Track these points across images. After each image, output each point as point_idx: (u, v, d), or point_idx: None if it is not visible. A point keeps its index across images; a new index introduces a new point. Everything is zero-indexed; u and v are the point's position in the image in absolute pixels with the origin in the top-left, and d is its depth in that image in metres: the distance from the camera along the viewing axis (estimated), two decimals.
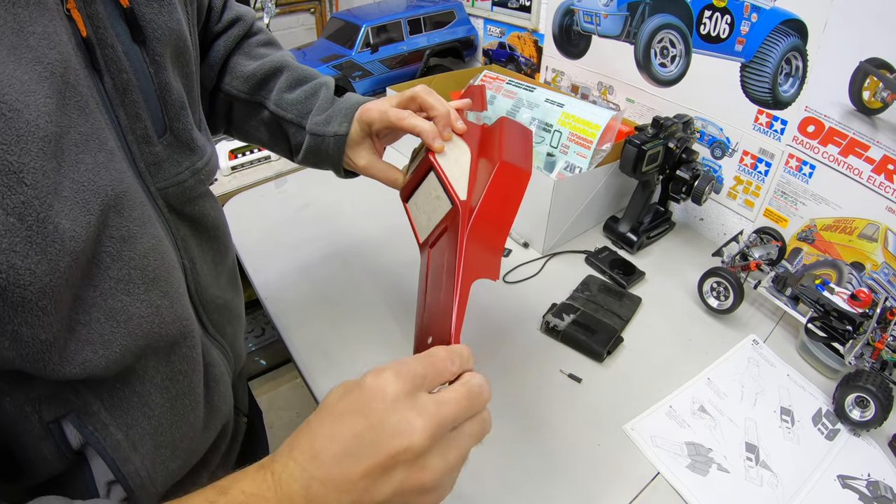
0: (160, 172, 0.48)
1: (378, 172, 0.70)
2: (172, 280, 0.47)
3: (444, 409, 0.37)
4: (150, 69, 0.46)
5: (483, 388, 0.40)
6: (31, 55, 0.34)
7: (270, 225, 1.14)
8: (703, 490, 0.66)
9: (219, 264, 0.61)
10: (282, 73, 0.72)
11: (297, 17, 2.11)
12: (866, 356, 0.75)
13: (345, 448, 0.35)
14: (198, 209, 0.54)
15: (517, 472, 0.68)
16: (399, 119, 0.63)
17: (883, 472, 0.70)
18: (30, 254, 0.33)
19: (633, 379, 0.81)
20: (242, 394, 0.74)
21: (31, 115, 0.33)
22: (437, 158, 0.60)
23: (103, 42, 0.41)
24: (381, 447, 0.34)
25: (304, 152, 0.71)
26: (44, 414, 0.41)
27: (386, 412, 0.35)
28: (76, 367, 0.38)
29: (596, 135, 1.03)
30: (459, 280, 0.48)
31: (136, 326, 0.42)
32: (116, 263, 0.40)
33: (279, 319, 0.90)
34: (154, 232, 0.45)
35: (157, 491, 0.49)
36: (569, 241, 1.09)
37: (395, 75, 1.58)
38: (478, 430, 0.39)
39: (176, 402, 0.49)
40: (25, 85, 0.33)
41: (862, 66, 0.81)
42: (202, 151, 0.54)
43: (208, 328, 0.58)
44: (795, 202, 0.97)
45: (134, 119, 0.45)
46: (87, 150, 0.37)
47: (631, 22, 1.14)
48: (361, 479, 0.34)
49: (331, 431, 0.36)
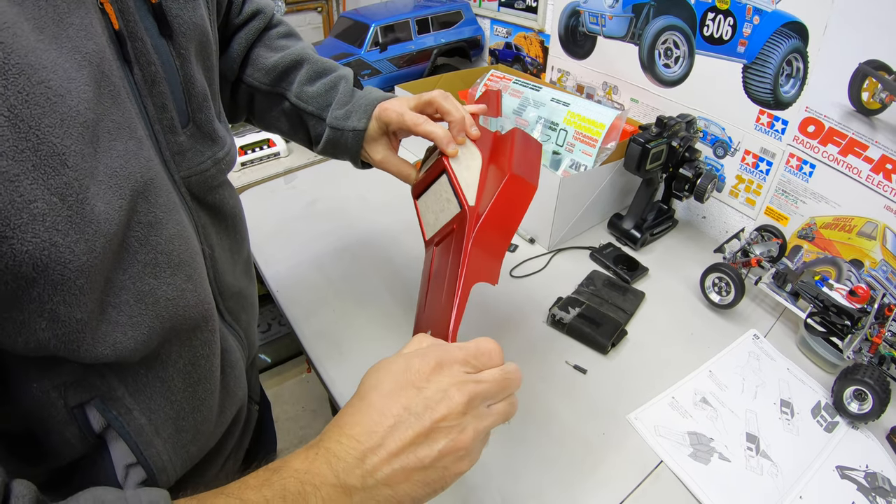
0: (184, 161, 0.50)
1: (392, 167, 0.72)
2: (196, 265, 0.48)
3: (481, 386, 0.42)
4: (176, 62, 0.48)
5: (517, 376, 0.45)
6: (70, 44, 0.35)
7: (280, 220, 1.15)
8: (705, 478, 0.68)
9: (235, 253, 0.62)
10: (302, 66, 0.73)
11: (305, 15, 2.12)
12: (864, 351, 0.77)
13: (396, 420, 0.39)
14: (218, 198, 0.56)
15: (522, 460, 0.69)
16: (415, 125, 0.65)
17: (881, 463, 0.72)
18: (70, 233, 0.34)
19: (636, 371, 0.83)
20: (255, 382, 0.76)
21: (73, 101, 0.34)
22: (451, 163, 0.62)
23: (134, 35, 0.43)
24: (427, 415, 0.39)
25: (324, 143, 0.73)
26: (69, 399, 0.42)
27: (432, 385, 0.41)
28: (107, 348, 0.39)
29: (601, 133, 1.05)
30: (461, 283, 0.51)
31: (162, 309, 0.43)
32: (144, 248, 0.42)
33: (290, 311, 0.92)
34: (179, 218, 0.46)
35: (176, 474, 0.51)
36: (574, 238, 1.11)
37: (403, 74, 1.59)
38: (506, 410, 0.44)
39: (197, 387, 0.50)
40: (67, 72, 0.34)
41: (861, 67, 0.83)
42: (223, 142, 0.55)
43: (224, 315, 0.59)
44: (796, 200, 0.99)
45: (161, 109, 0.47)
46: (120, 138, 0.39)
47: (636, 23, 1.16)
48: (410, 445, 0.39)
49: (381, 407, 0.40)
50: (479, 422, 0.41)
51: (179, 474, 0.51)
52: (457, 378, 0.41)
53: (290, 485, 0.37)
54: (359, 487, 0.38)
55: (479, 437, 0.41)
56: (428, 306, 0.56)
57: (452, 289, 0.51)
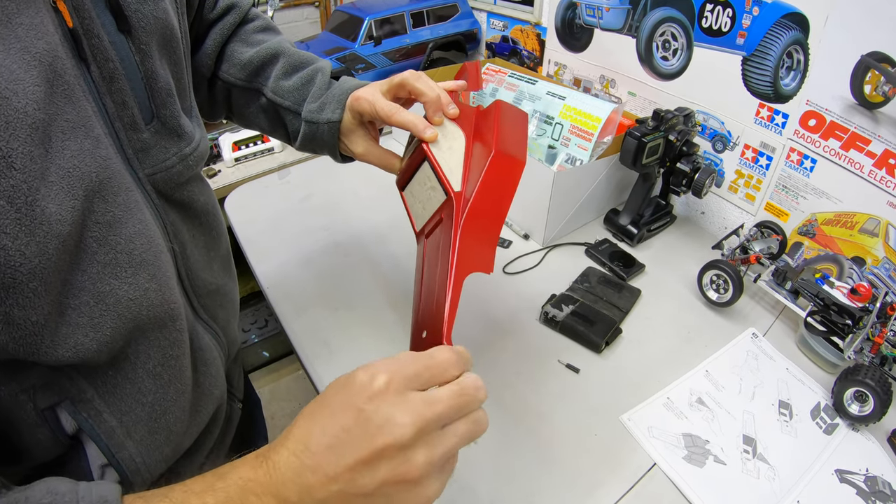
0: (148, 158, 0.49)
1: (375, 159, 0.69)
2: (160, 264, 0.47)
3: (433, 407, 0.37)
4: (136, 58, 0.47)
5: (478, 389, 0.40)
6: (19, 45, 0.35)
7: (273, 215, 1.14)
8: (700, 481, 0.66)
9: (211, 249, 0.61)
10: (278, 60, 0.71)
11: (302, 10, 2.11)
12: (866, 351, 0.75)
13: (334, 440, 0.36)
14: (187, 194, 0.55)
15: (513, 462, 0.68)
16: (388, 116, 0.62)
17: (881, 467, 0.70)
18: (19, 236, 0.33)
19: (630, 370, 0.81)
20: (238, 380, 0.74)
21: (20, 103, 0.34)
22: (431, 148, 0.59)
23: (89, 32, 0.42)
24: (366, 442, 0.35)
25: (302, 139, 0.71)
26: (38, 402, 0.42)
27: (373, 408, 0.36)
28: (68, 350, 0.39)
29: (597, 127, 1.03)
30: (452, 275, 0.48)
31: (124, 309, 0.42)
32: (103, 248, 0.41)
33: (280, 308, 0.91)
34: (140, 217, 0.45)
35: (151, 476, 0.50)
36: (569, 234, 1.10)
37: (399, 68, 1.57)
38: (469, 430, 0.39)
39: (168, 388, 0.49)
40: (14, 73, 0.34)
41: (863, 59, 0.81)
42: (190, 137, 0.54)
43: (199, 312, 0.58)
44: (796, 196, 0.97)
45: (121, 107, 0.46)
46: (74, 137, 0.38)
47: (633, 15, 1.14)
48: (348, 472, 0.35)
49: (323, 424, 0.37)
50: (431, 449, 0.37)
51: (155, 475, 0.51)
52: (403, 400, 0.37)
53: (233, 492, 0.36)
54: (296, 502, 0.36)
55: (433, 464, 0.37)
56: (423, 304, 0.53)
57: (444, 281, 0.49)
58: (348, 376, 0.39)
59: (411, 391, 0.38)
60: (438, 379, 0.40)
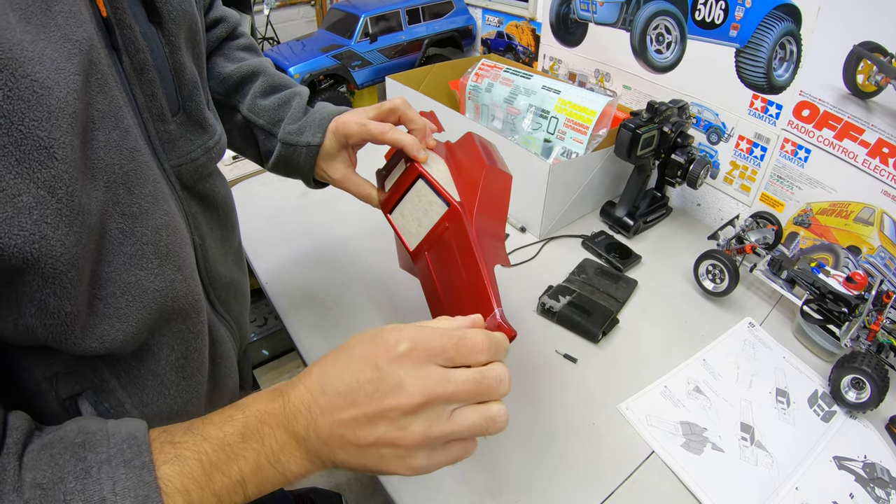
0: (174, 150, 0.49)
1: (352, 186, 0.70)
2: (185, 255, 0.47)
3: (445, 385, 0.38)
4: (165, 49, 0.47)
5: (501, 382, 0.40)
6: (59, 33, 0.35)
7: (271, 212, 1.14)
8: (698, 468, 0.67)
9: (226, 242, 0.62)
10: (257, 78, 0.72)
11: (298, 9, 2.12)
12: (862, 338, 0.76)
13: (347, 389, 0.38)
14: (209, 187, 0.55)
15: (511, 451, 0.68)
16: (381, 133, 0.64)
17: (879, 454, 0.70)
18: (60, 226, 0.33)
19: (628, 359, 0.81)
20: (247, 373, 0.75)
21: (62, 93, 0.33)
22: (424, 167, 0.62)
23: (122, 22, 0.42)
24: (375, 399, 0.37)
25: (275, 160, 0.71)
26: (60, 391, 0.42)
27: (391, 370, 0.38)
28: (95, 340, 0.39)
29: (592, 120, 1.04)
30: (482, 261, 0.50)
31: (150, 300, 0.43)
32: (129, 239, 0.41)
33: (280, 304, 0.91)
34: (167, 208, 0.45)
35: None
36: (566, 226, 1.10)
37: (394, 65, 1.58)
38: (480, 423, 0.39)
39: (191, 380, 0.50)
40: (56, 63, 0.34)
41: (856, 49, 0.81)
42: (213, 130, 0.55)
43: (215, 305, 0.58)
44: (791, 186, 0.98)
45: (150, 98, 0.46)
46: (103, 128, 0.38)
47: (627, 9, 1.14)
48: (353, 421, 0.38)
49: (341, 371, 0.39)
50: (430, 424, 0.38)
51: None
52: (419, 371, 0.38)
53: (250, 423, 0.38)
54: (303, 436, 0.38)
55: (427, 439, 0.38)
56: (449, 301, 0.55)
57: (475, 270, 0.51)
58: (377, 332, 0.41)
59: (432, 364, 0.39)
60: (464, 360, 0.40)
